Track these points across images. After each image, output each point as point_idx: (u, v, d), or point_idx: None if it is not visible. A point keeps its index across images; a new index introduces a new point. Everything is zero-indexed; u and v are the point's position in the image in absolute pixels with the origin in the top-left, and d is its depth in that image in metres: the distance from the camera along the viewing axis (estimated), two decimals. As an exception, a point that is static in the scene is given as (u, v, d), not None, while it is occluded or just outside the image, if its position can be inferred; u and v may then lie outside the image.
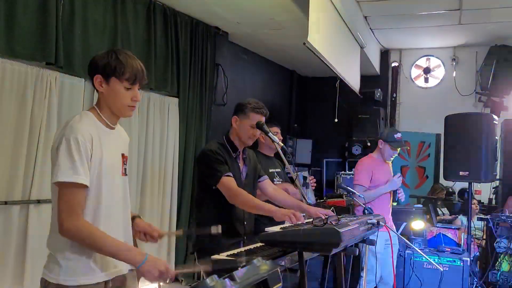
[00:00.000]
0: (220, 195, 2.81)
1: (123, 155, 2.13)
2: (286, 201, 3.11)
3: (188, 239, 5.48)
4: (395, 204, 4.30)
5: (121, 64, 1.96)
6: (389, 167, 4.49)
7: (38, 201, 3.87)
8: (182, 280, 5.62)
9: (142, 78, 2.03)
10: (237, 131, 2.98)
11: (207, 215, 2.93)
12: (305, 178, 3.72)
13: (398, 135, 4.29)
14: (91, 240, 1.87)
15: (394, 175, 4.33)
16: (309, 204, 3.07)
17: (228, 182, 2.78)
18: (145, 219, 5.25)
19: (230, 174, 2.81)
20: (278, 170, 3.93)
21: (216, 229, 2.25)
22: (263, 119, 2.97)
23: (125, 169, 2.13)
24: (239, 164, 3.01)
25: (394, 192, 4.28)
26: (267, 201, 3.06)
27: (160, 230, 2.27)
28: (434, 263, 4.43)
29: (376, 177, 4.24)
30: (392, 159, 4.39)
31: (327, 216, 2.37)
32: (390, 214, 4.35)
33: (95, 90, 4.25)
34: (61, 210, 1.87)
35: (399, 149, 4.34)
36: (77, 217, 1.85)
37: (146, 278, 1.91)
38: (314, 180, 4.20)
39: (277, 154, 3.55)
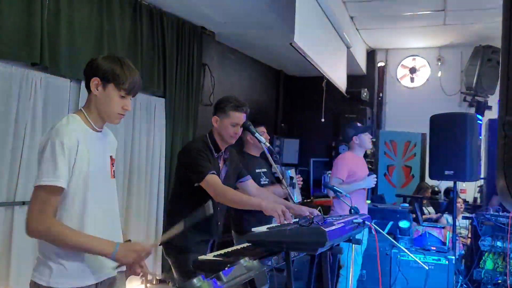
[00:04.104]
0: (198, 192, 2.78)
1: (111, 157, 2.14)
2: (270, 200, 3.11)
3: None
4: (368, 202, 4.39)
5: (124, 74, 1.99)
6: (365, 163, 4.62)
7: (23, 203, 3.83)
8: (169, 282, 5.62)
9: (138, 90, 2.08)
10: (218, 131, 2.95)
11: (180, 211, 2.81)
12: (291, 178, 3.72)
13: (358, 123, 4.61)
14: (61, 239, 1.87)
15: (369, 175, 4.41)
16: (295, 203, 3.08)
17: (213, 180, 2.76)
18: (132, 220, 5.26)
19: (215, 172, 2.80)
20: (264, 170, 3.94)
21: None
22: (243, 116, 2.95)
23: (114, 171, 2.14)
24: (220, 165, 3.00)
25: (368, 191, 4.39)
26: None
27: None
28: (420, 262, 4.48)
29: (354, 171, 4.36)
30: (371, 144, 4.60)
31: (313, 216, 2.38)
32: (366, 211, 4.45)
33: (81, 91, 4.18)
34: (32, 210, 1.88)
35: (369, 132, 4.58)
36: (47, 218, 1.86)
37: (125, 263, 1.93)
38: (301, 178, 4.23)
39: (263, 154, 3.56)
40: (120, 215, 2.24)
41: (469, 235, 5.13)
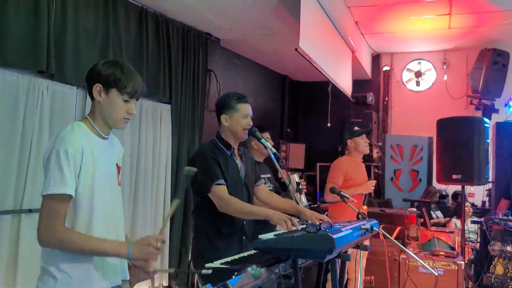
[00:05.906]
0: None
1: (116, 165, 2.12)
2: (281, 204, 3.08)
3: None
4: (364, 207, 4.31)
5: (126, 77, 1.98)
6: (363, 168, 4.54)
7: (30, 210, 3.83)
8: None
9: (141, 94, 2.06)
10: (230, 128, 2.89)
11: (205, 221, 2.85)
12: (298, 184, 3.70)
13: (356, 127, 4.55)
14: (73, 247, 1.87)
15: (369, 180, 4.37)
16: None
17: (218, 191, 2.71)
18: (138, 227, 5.25)
19: (222, 181, 2.74)
20: (269, 175, 3.92)
21: (206, 271, 2.09)
22: (249, 106, 2.92)
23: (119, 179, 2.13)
24: (237, 162, 2.92)
25: (365, 196, 4.33)
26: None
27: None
28: (429, 267, 4.44)
29: (350, 176, 4.29)
30: (368, 148, 4.46)
31: (320, 222, 2.36)
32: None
33: (87, 99, 4.19)
34: (42, 220, 1.86)
35: (366, 136, 4.47)
36: (58, 228, 1.85)
37: (137, 264, 1.98)
38: (305, 183, 4.21)
39: (266, 160, 3.54)
40: (126, 222, 2.23)
41: (478, 240, 5.08)
